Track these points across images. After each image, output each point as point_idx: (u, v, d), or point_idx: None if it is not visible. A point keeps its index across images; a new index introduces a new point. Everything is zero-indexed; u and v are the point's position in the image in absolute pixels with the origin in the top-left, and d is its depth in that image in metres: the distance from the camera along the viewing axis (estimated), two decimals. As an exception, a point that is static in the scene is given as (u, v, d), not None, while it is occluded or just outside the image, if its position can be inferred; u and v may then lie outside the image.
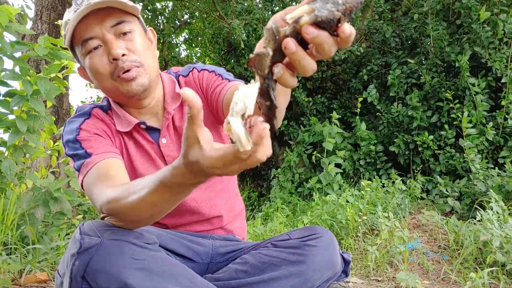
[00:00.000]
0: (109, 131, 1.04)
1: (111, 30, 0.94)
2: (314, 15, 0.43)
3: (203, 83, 1.10)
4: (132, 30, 0.97)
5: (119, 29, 0.95)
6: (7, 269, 1.56)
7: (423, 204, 3.27)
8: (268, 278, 0.95)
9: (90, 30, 0.93)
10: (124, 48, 0.94)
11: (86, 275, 0.73)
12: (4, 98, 1.90)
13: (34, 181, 2.01)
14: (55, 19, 4.34)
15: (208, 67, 1.13)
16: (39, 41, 1.91)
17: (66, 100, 4.47)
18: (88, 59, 0.95)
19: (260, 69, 0.46)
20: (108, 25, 0.93)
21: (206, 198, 1.12)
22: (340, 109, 5.04)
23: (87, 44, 0.94)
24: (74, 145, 0.97)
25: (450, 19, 4.14)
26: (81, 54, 0.97)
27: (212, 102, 1.06)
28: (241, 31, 4.44)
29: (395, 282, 1.89)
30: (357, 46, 4.61)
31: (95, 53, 0.94)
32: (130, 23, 0.97)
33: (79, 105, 1.16)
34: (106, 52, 0.94)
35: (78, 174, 0.93)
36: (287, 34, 0.45)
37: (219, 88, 1.03)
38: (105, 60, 0.94)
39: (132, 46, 0.96)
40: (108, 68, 0.94)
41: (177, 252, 1.03)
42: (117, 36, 0.95)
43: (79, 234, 0.76)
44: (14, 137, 1.90)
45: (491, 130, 3.36)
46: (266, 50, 0.45)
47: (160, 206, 0.69)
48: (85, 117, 1.04)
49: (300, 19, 0.44)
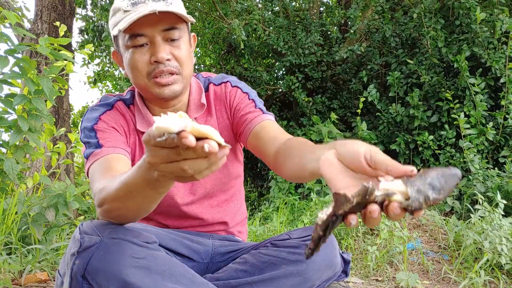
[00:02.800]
0: (126, 128, 1.06)
1: (162, 34, 0.95)
2: (407, 204, 0.49)
3: (233, 102, 1.10)
4: (180, 37, 0.98)
5: (170, 34, 0.96)
6: (7, 269, 1.57)
7: (423, 204, 3.27)
8: (268, 277, 0.95)
9: (142, 28, 0.93)
10: (169, 53, 0.96)
11: (86, 274, 0.73)
12: (6, 98, 1.91)
13: (48, 184, 2.04)
14: (55, 19, 4.34)
15: (242, 85, 1.13)
16: (40, 41, 1.92)
17: (66, 100, 4.48)
18: (130, 52, 0.97)
19: (338, 207, 0.50)
20: (160, 28, 0.94)
21: (208, 206, 1.12)
22: (340, 109, 5.04)
23: (135, 39, 0.95)
24: (89, 133, 0.99)
25: (450, 19, 4.14)
26: (124, 45, 0.97)
27: (238, 125, 1.08)
28: (241, 31, 4.44)
29: (395, 282, 1.89)
30: (357, 46, 4.61)
31: (139, 50, 0.96)
32: (180, 30, 0.98)
33: (78, 104, 1.17)
34: (149, 52, 0.95)
35: (86, 161, 0.97)
36: (376, 200, 0.50)
37: (251, 117, 1.06)
38: (146, 59, 0.96)
39: (177, 53, 0.97)
40: (146, 68, 0.96)
41: (177, 251, 1.03)
42: (165, 40, 0.96)
43: (79, 234, 0.77)
44: (16, 136, 1.91)
45: (491, 130, 3.36)
46: (353, 199, 0.50)
47: (132, 191, 0.70)
48: (107, 108, 1.05)
49: (392, 195, 0.50)
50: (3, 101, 1.90)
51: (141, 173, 0.64)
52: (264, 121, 1.03)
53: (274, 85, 5.73)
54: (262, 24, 5.22)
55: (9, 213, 1.79)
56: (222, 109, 1.12)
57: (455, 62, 3.58)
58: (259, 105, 1.09)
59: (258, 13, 4.89)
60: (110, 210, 0.78)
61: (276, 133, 0.99)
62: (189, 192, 1.09)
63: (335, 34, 5.38)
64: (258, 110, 1.07)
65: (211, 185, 1.11)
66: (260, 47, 6.03)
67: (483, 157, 3.44)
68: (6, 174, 1.95)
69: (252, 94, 1.11)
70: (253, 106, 1.08)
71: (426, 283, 1.88)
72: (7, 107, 1.91)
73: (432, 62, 3.98)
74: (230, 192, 1.17)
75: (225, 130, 1.11)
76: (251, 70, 5.42)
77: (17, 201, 1.86)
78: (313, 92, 5.45)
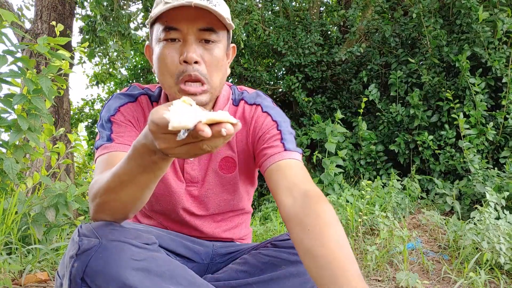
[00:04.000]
0: (143, 124, 1.01)
1: (197, 33, 0.89)
2: None
3: (259, 130, 1.00)
4: (216, 41, 0.92)
5: (205, 35, 0.90)
6: (7, 269, 1.57)
7: (423, 204, 3.27)
8: (268, 278, 0.95)
9: (178, 22, 0.88)
10: (199, 55, 0.90)
11: (85, 277, 0.73)
12: (5, 97, 1.91)
13: (48, 184, 2.04)
14: (55, 19, 4.34)
15: (274, 112, 1.02)
16: (38, 41, 1.92)
17: (66, 99, 4.48)
18: (161, 46, 0.91)
19: None
20: (197, 27, 0.89)
21: (211, 221, 1.10)
22: (340, 109, 5.04)
23: (169, 32, 0.89)
24: (106, 124, 0.97)
25: (450, 19, 4.14)
26: (158, 37, 0.92)
27: (258, 157, 0.98)
28: (240, 31, 4.44)
29: (395, 282, 1.89)
30: (356, 47, 4.61)
31: (170, 44, 0.90)
32: (218, 34, 0.92)
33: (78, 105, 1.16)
34: (180, 50, 0.89)
35: (96, 151, 0.95)
36: None
37: (270, 152, 0.94)
38: (176, 57, 0.90)
39: (208, 58, 0.91)
40: (175, 67, 0.90)
41: (177, 253, 1.03)
42: (199, 40, 0.90)
43: (78, 236, 0.76)
44: (16, 136, 1.91)
45: (491, 130, 3.36)
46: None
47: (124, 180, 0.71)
48: (130, 99, 1.01)
49: None
50: (2, 100, 1.90)
51: (136, 161, 0.66)
52: (283, 160, 0.91)
53: (274, 85, 5.73)
54: (262, 24, 5.22)
55: (9, 213, 1.79)
56: (244, 133, 1.04)
57: (456, 62, 3.58)
58: (284, 138, 0.97)
59: (258, 13, 4.89)
60: (103, 203, 0.77)
61: (294, 180, 0.87)
62: (193, 205, 1.07)
63: (335, 34, 5.37)
64: (281, 144, 0.95)
65: (217, 205, 1.08)
66: (260, 47, 6.03)
67: (483, 157, 3.44)
68: (6, 174, 1.96)
69: (282, 125, 1.00)
70: (278, 139, 0.96)
71: (426, 283, 1.88)
72: (6, 106, 1.91)
73: (432, 62, 3.98)
74: (237, 212, 1.15)
75: (241, 154, 1.04)
76: (251, 70, 5.42)
77: (17, 201, 1.86)
78: (313, 92, 5.45)
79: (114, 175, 0.72)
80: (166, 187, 1.03)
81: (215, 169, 1.04)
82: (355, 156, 4.11)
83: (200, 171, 1.04)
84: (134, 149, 0.67)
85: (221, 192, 1.06)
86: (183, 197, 1.04)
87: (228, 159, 1.04)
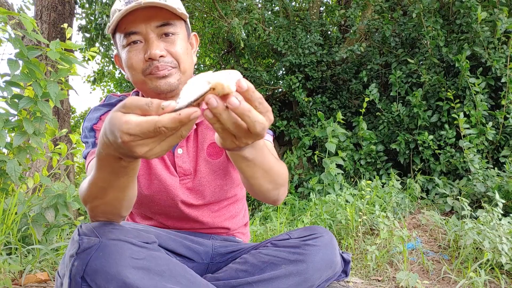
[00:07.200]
0: None
1: (155, 30, 0.94)
2: None
3: None
4: (175, 33, 0.97)
5: (163, 30, 0.95)
6: (7, 269, 1.57)
7: (423, 204, 3.27)
8: (268, 277, 0.95)
9: (135, 25, 0.93)
10: (163, 49, 0.95)
11: (85, 276, 0.73)
12: (11, 99, 1.92)
13: (48, 184, 2.04)
14: (55, 19, 4.34)
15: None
16: (51, 45, 1.92)
17: (66, 100, 4.48)
18: (126, 51, 0.96)
19: None
20: (154, 25, 0.94)
21: (209, 211, 1.12)
22: (340, 109, 5.04)
23: (129, 37, 0.94)
24: (89, 133, 1.01)
25: (450, 19, 4.14)
26: (121, 44, 0.97)
27: None
28: (240, 30, 4.44)
29: (395, 282, 1.89)
30: (357, 46, 4.61)
31: (134, 48, 0.95)
32: (175, 26, 0.97)
33: (78, 105, 1.18)
34: (144, 50, 0.95)
35: (85, 160, 0.98)
36: None
37: None
38: (141, 57, 0.95)
39: (171, 49, 0.96)
40: (141, 65, 0.95)
41: (177, 252, 1.03)
42: (159, 37, 0.95)
43: (78, 235, 0.77)
44: (20, 139, 1.92)
45: (491, 130, 3.36)
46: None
47: (102, 186, 0.72)
48: (109, 108, 1.05)
49: None
50: (9, 104, 1.91)
51: (106, 169, 0.67)
52: None
53: (274, 85, 5.73)
54: (262, 23, 5.22)
55: (9, 213, 1.79)
56: None
57: (455, 62, 3.58)
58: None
59: (258, 12, 4.89)
60: (93, 207, 0.79)
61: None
62: (190, 197, 1.08)
63: (335, 34, 5.37)
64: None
65: (212, 192, 1.10)
66: (260, 47, 6.04)
67: (483, 157, 3.44)
68: (8, 176, 1.96)
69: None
70: None
71: (426, 283, 1.88)
72: (12, 108, 1.92)
73: (432, 62, 3.98)
74: (231, 199, 1.16)
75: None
76: (251, 70, 5.42)
77: (17, 201, 1.86)
78: (313, 92, 5.45)
79: (91, 184, 0.73)
80: (161, 183, 1.04)
81: (204, 157, 1.07)
82: (355, 156, 4.11)
83: (191, 162, 1.07)
84: (100, 160, 0.67)
85: (214, 179, 1.08)
86: (179, 191, 1.06)
87: (214, 144, 1.08)
